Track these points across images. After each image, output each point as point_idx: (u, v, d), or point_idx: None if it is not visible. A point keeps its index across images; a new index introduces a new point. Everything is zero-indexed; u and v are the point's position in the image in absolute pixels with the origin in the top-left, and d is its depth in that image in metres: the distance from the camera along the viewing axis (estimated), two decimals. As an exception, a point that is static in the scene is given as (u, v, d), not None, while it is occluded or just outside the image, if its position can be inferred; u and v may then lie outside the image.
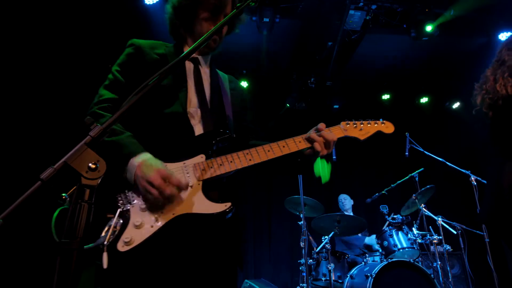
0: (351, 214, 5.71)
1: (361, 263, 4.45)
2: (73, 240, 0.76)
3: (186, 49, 1.66)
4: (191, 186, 1.35)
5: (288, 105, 7.06)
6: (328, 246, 4.51)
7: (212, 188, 1.41)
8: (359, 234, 5.49)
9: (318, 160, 1.65)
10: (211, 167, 1.40)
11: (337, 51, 6.34)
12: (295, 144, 1.51)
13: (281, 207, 5.17)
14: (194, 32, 1.68)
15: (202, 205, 1.32)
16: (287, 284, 6.51)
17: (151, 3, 4.98)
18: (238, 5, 1.38)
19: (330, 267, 4.33)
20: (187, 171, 1.38)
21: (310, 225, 4.81)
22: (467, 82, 3.16)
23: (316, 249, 4.67)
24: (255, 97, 7.16)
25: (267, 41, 6.02)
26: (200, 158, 1.42)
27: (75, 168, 0.80)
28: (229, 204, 1.33)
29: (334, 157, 4.45)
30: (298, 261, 4.65)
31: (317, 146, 1.49)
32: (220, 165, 1.41)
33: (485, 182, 4.64)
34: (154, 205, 1.29)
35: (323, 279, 4.58)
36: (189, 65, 1.67)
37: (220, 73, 1.84)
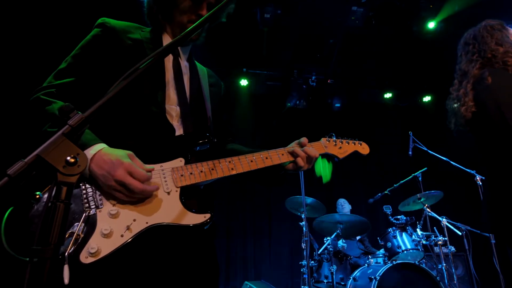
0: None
1: (364, 265, 4.35)
2: (46, 247, 0.64)
3: (165, 37, 1.55)
4: (169, 193, 1.23)
5: (288, 104, 6.95)
6: (330, 247, 4.40)
7: (190, 195, 1.29)
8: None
9: (319, 160, 1.61)
10: (191, 173, 1.28)
11: (338, 49, 6.23)
12: (278, 156, 1.47)
13: (282, 207, 5.07)
14: (173, 20, 1.52)
15: (180, 215, 1.20)
16: (287, 286, 6.40)
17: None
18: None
19: (332, 269, 4.22)
20: (165, 176, 1.26)
21: (311, 226, 4.70)
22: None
23: (318, 250, 4.56)
24: (256, 96, 7.05)
25: (267, 38, 5.91)
26: (179, 162, 1.30)
27: (50, 163, 0.68)
28: (208, 215, 1.23)
29: (336, 159, 4.38)
30: (300, 263, 4.53)
31: (300, 162, 1.48)
32: (201, 172, 1.30)
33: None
34: (125, 211, 1.15)
35: (325, 281, 4.47)
36: (167, 57, 1.52)
37: (199, 66, 1.70)
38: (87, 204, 1.12)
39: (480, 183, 4.63)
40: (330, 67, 6.65)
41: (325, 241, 4.54)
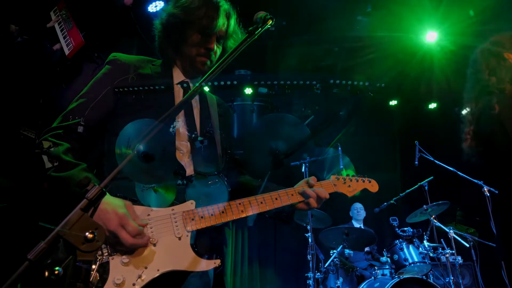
0: (362, 225, 5.58)
1: (370, 277, 4.32)
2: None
3: (175, 70, 1.58)
4: (179, 238, 1.25)
5: (293, 114, 6.93)
6: (336, 260, 4.38)
7: (200, 236, 1.32)
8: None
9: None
10: (202, 217, 1.30)
11: (343, 57, 6.22)
12: (288, 197, 1.50)
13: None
14: (182, 53, 1.55)
15: (190, 262, 1.22)
16: (292, 296, 6.37)
17: (155, 10, 4.87)
18: (250, 29, 1.25)
19: (338, 282, 4.20)
20: (176, 219, 1.27)
21: (316, 237, 4.68)
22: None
23: (325, 263, 4.53)
24: (260, 104, 7.04)
25: (272, 47, 5.91)
26: (190, 204, 1.32)
27: (70, 241, 0.68)
28: (218, 261, 1.27)
29: (341, 166, 4.36)
30: (305, 275, 4.51)
31: (311, 202, 1.51)
32: (211, 215, 1.32)
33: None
34: (137, 258, 1.16)
35: (331, 293, 4.45)
36: (178, 90, 1.53)
37: (208, 94, 1.72)
38: (100, 252, 1.14)
39: (488, 194, 4.59)
40: (335, 75, 6.63)
41: (331, 254, 4.51)
